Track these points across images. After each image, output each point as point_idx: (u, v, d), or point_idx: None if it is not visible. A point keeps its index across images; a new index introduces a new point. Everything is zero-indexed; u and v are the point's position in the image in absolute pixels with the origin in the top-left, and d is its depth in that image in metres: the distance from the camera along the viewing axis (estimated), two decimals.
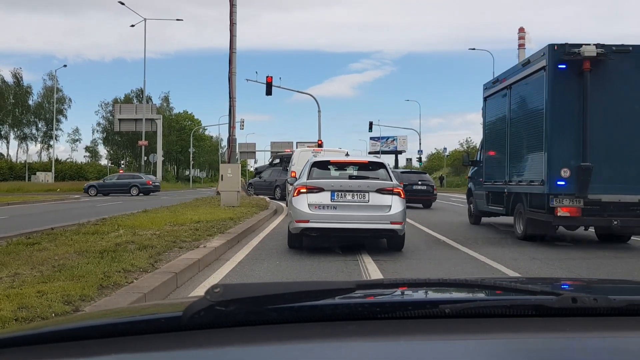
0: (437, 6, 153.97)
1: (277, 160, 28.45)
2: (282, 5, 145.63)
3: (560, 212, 8.70)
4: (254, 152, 71.50)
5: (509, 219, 10.95)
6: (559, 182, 8.70)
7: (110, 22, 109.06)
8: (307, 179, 8.17)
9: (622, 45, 8.99)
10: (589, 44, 8.75)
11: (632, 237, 9.52)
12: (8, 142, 66.94)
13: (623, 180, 8.67)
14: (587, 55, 8.67)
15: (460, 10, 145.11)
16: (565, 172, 8.67)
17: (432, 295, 1.28)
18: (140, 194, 33.05)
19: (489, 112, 12.65)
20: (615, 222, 8.58)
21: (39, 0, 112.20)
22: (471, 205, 13.73)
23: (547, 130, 8.94)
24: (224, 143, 47.85)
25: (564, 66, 8.83)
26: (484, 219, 13.20)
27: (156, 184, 35.64)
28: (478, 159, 13.41)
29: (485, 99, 12.86)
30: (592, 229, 10.09)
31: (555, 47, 8.93)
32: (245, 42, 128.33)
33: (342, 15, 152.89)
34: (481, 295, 1.25)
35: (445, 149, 61.59)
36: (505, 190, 11.03)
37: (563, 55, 8.86)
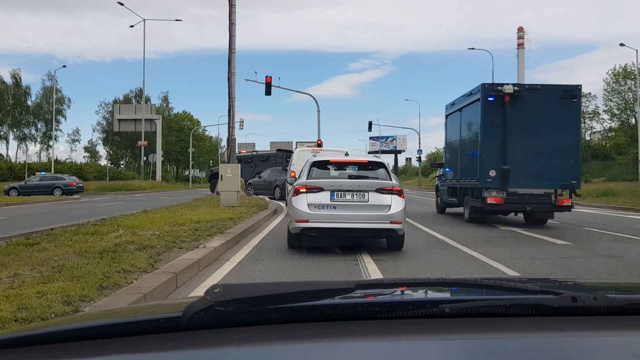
0: (436, 6, 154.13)
1: (249, 160, 28.19)
2: (282, 5, 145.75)
3: (489, 201, 12.43)
4: None
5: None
6: (488, 179, 12.38)
7: (110, 23, 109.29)
8: (307, 179, 8.17)
9: (533, 85, 12.99)
10: (508, 84, 12.42)
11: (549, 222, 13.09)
12: (7, 143, 66.93)
13: (532, 178, 12.23)
14: (507, 92, 12.27)
15: (459, 10, 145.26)
16: (492, 173, 12.33)
17: (432, 294, 1.28)
18: (64, 195, 32.75)
19: (448, 127, 16.21)
20: (529, 208, 12.59)
21: (40, 1, 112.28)
22: (438, 199, 17.48)
23: (480, 143, 12.67)
24: (224, 143, 47.82)
25: (492, 99, 12.45)
26: (449, 210, 16.56)
27: (80, 185, 35.32)
28: (442, 162, 16.99)
29: (446, 116, 16.36)
30: (521, 215, 13.96)
31: (486, 86, 12.69)
32: (245, 42, 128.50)
33: (342, 15, 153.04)
34: (481, 294, 1.25)
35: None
36: (458, 186, 14.61)
37: (491, 91, 12.46)
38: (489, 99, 12.46)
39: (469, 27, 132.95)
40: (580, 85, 12.55)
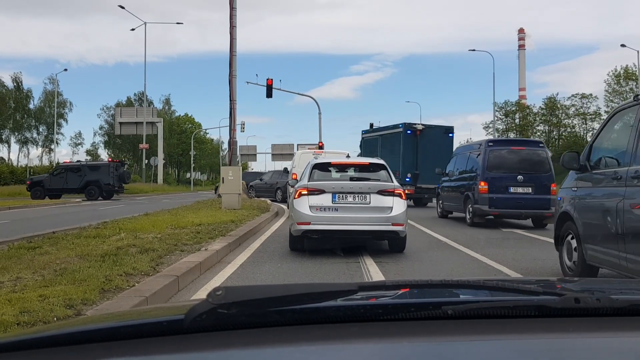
0: (437, 8, 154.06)
1: (78, 170, 28.63)
2: (285, 8, 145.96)
3: (407, 192, 14.92)
4: (255, 155, 71.59)
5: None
6: (406, 180, 20.02)
7: (113, 27, 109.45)
8: (308, 181, 8.17)
9: (429, 125, 22.35)
10: (418, 124, 21.62)
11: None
12: (9, 146, 67.02)
13: (429, 179, 19.23)
14: (418, 128, 21.15)
15: (460, 12, 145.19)
16: (409, 175, 20.50)
17: (435, 296, 1.27)
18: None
19: (365, 146, 24.26)
20: (427, 196, 20.84)
21: (43, 5, 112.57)
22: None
23: (402, 158, 20.65)
24: (225, 146, 47.87)
25: (409, 132, 20.99)
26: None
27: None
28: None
29: (363, 138, 24.70)
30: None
31: (406, 124, 21.10)
32: (247, 45, 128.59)
33: (344, 17, 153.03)
34: (483, 296, 1.25)
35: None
36: None
37: (409, 128, 21.05)
38: (408, 132, 20.95)
39: (470, 29, 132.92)
40: (453, 127, 22.45)
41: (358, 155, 23.79)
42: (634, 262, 4.89)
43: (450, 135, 21.85)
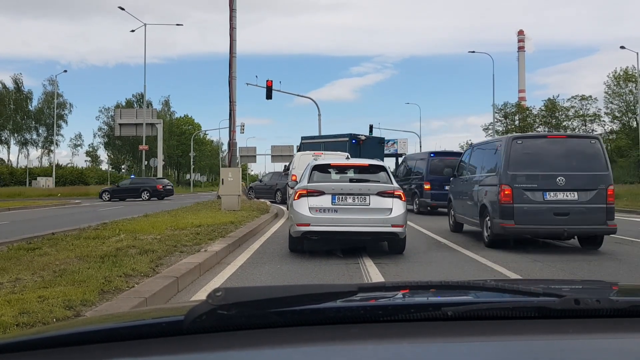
0: (438, 10, 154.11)
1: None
2: (286, 10, 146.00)
3: None
4: (255, 156, 71.55)
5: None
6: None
7: (114, 28, 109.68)
8: (308, 183, 8.17)
9: (370, 135, 29.61)
10: (362, 134, 26.76)
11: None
12: (9, 148, 67.05)
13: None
14: (362, 138, 25.86)
15: (460, 14, 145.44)
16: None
17: (435, 297, 1.27)
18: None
19: (304, 150, 24.66)
20: None
21: (45, 7, 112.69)
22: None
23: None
24: (225, 147, 47.81)
25: (354, 141, 24.90)
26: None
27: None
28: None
29: (302, 143, 27.41)
30: None
31: (352, 134, 25.38)
32: (248, 46, 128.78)
33: (344, 19, 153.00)
34: (483, 297, 1.25)
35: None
36: None
37: (354, 138, 25.26)
38: (353, 141, 25.07)
39: (471, 31, 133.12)
40: (384, 138, 29.93)
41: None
42: (467, 219, 10.45)
43: (382, 144, 28.78)
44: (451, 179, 12.71)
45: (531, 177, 8.85)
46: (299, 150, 27.29)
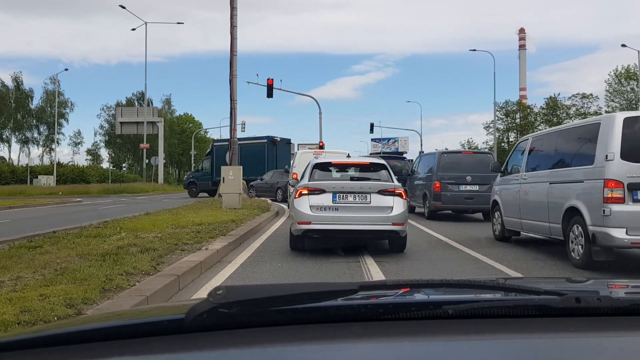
0: (440, 8, 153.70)
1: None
2: (288, 8, 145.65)
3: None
4: None
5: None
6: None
7: (116, 27, 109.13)
8: (309, 181, 8.18)
9: (282, 137, 32.43)
10: (277, 137, 31.64)
11: None
12: (10, 146, 67.10)
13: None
14: (277, 140, 31.32)
15: (462, 12, 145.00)
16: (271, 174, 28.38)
17: (435, 296, 1.28)
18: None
19: (217, 153, 31.30)
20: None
21: (48, 5, 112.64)
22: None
23: (267, 162, 29.50)
24: None
25: (272, 143, 30.93)
26: None
27: None
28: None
29: (215, 146, 32.56)
30: None
31: (270, 137, 31.13)
32: (250, 45, 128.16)
33: (346, 17, 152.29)
34: (484, 295, 1.25)
35: (446, 149, 61.54)
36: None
37: (271, 140, 31.04)
38: (271, 143, 30.10)
39: (472, 29, 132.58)
40: (290, 139, 34.80)
41: (205, 160, 32.52)
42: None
43: (288, 145, 33.79)
44: (407, 177, 16.93)
45: (452, 177, 14.53)
46: (207, 154, 32.66)
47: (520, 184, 9.19)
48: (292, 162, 20.63)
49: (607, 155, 6.59)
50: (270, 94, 27.88)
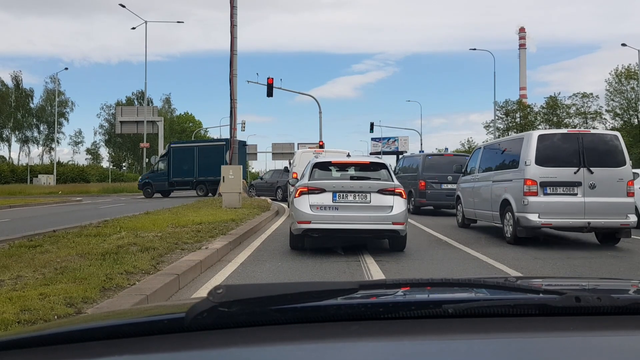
0: (440, 7, 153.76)
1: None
2: (289, 7, 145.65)
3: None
4: (255, 154, 71.41)
5: None
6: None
7: (117, 26, 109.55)
8: (309, 180, 8.18)
9: (238, 140, 21.61)
10: (237, 139, 21.70)
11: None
12: (10, 145, 67.08)
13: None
14: (235, 143, 21.82)
15: (462, 11, 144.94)
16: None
17: (435, 295, 1.27)
18: None
19: (174, 155, 32.24)
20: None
21: (49, 4, 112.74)
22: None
23: (225, 164, 19.73)
24: None
25: (227, 146, 22.41)
26: None
27: None
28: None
29: (170, 148, 33.16)
30: None
31: (227, 139, 24.22)
32: (250, 44, 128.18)
33: (347, 16, 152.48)
34: (484, 295, 1.25)
35: (446, 149, 61.58)
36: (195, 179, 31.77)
37: (227, 142, 23.94)
38: (227, 145, 25.76)
39: (472, 28, 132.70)
40: (245, 141, 35.33)
41: (160, 161, 33.09)
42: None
43: (244, 147, 33.98)
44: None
45: (435, 176, 16.44)
46: (163, 156, 33.66)
47: (474, 182, 11.75)
48: (292, 161, 20.62)
49: (526, 162, 9.10)
50: (270, 93, 27.87)
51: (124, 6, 40.40)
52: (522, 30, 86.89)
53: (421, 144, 59.58)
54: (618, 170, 9.04)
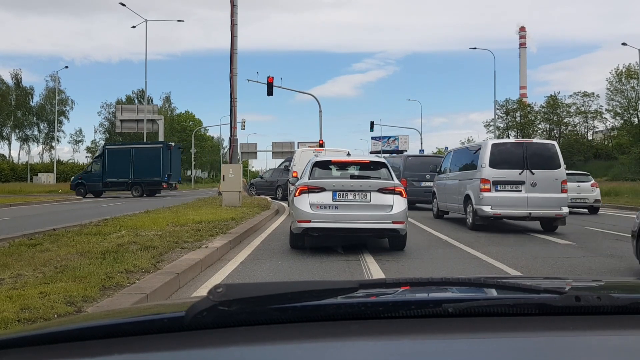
0: (441, 7, 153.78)
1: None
2: (291, 7, 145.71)
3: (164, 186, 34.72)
4: (256, 153, 71.41)
5: None
6: (165, 178, 33.78)
7: (118, 25, 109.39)
8: (309, 179, 8.17)
9: (174, 143, 38.97)
10: (172, 142, 38.52)
11: None
12: (10, 144, 67.05)
13: (176, 177, 35.72)
14: (172, 145, 35.17)
15: (462, 11, 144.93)
16: (167, 175, 34.50)
17: (435, 294, 1.27)
18: None
19: (109, 156, 33.73)
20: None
21: (50, 3, 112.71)
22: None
23: (162, 165, 33.20)
24: (226, 143, 48.00)
25: (166, 148, 34.05)
26: None
27: None
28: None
29: (107, 149, 34.92)
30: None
31: (165, 142, 36.27)
32: (251, 43, 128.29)
33: (348, 16, 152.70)
34: (484, 294, 1.25)
35: (446, 148, 61.56)
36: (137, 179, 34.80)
37: (166, 145, 34.69)
38: (166, 148, 33.38)
39: (472, 28, 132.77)
40: (181, 144, 45.48)
41: (94, 162, 34.78)
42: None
43: (179, 149, 37.74)
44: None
45: (415, 175, 18.22)
46: (97, 157, 35.39)
47: (446, 180, 14.11)
48: (292, 160, 20.62)
49: (482, 165, 11.44)
50: (270, 92, 27.85)
51: (124, 5, 40.36)
52: (522, 29, 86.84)
53: (421, 143, 59.52)
54: (554, 172, 11.21)
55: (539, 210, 11.06)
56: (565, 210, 11.14)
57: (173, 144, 36.82)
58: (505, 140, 13.27)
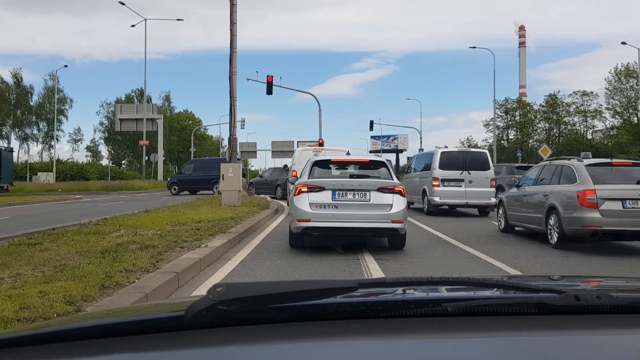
0: (441, 6, 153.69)
1: None
2: (290, 6, 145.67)
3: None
4: (255, 152, 71.42)
5: None
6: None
7: (118, 24, 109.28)
8: (308, 178, 8.17)
9: (7, 147, 44.19)
10: (3, 147, 40.48)
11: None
12: (9, 143, 66.93)
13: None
14: (2, 150, 35.18)
15: (462, 10, 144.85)
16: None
17: (435, 293, 1.27)
18: None
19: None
20: None
21: (50, 3, 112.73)
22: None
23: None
24: (225, 142, 48.02)
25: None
26: None
27: None
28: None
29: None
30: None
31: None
32: (252, 42, 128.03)
33: (347, 15, 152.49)
34: (483, 293, 1.25)
35: (446, 147, 61.46)
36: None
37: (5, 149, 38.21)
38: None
39: (472, 27, 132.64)
40: (12, 147, 47.27)
41: None
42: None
43: (11, 152, 37.10)
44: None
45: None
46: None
47: (412, 178, 17.81)
48: (292, 159, 20.62)
49: (434, 167, 15.49)
50: (269, 91, 27.85)
51: (123, 4, 40.37)
52: (522, 28, 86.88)
53: (421, 142, 59.49)
54: (486, 172, 15.39)
55: (474, 200, 15.12)
56: (493, 200, 14.66)
57: (4, 147, 38.37)
58: (451, 149, 17.10)
